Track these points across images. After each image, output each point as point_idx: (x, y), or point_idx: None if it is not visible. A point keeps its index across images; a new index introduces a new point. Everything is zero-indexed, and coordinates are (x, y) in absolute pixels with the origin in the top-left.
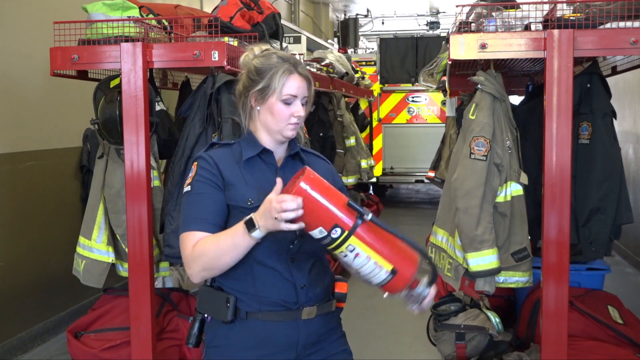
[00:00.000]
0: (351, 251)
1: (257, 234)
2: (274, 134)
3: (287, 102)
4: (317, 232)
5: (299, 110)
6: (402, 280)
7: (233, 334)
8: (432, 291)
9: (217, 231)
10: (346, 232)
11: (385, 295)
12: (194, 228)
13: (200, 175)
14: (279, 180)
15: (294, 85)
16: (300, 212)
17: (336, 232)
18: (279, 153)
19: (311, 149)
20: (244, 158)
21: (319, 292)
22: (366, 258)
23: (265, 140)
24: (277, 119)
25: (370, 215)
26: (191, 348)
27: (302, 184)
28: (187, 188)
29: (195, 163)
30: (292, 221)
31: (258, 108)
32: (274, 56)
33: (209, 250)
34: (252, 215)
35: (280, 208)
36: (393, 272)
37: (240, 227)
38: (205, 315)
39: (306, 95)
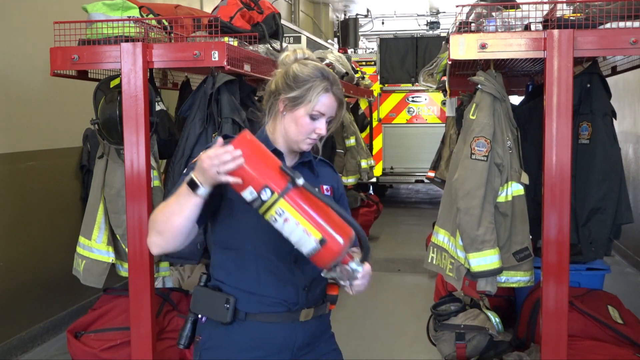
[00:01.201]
0: (280, 215)
1: (202, 191)
2: (291, 143)
3: (313, 118)
4: (248, 193)
5: (322, 128)
6: (330, 252)
7: (230, 335)
8: (365, 269)
9: None
10: (276, 195)
11: (323, 273)
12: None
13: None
14: (219, 139)
15: (325, 104)
16: (241, 160)
17: (266, 194)
18: (289, 159)
19: (320, 157)
20: None
21: (317, 295)
22: (295, 224)
23: (280, 144)
24: (300, 131)
25: (302, 181)
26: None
27: (240, 139)
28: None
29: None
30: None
31: (284, 114)
32: (315, 68)
33: (159, 214)
34: (191, 174)
35: (221, 159)
36: (322, 241)
37: (183, 187)
38: (199, 315)
39: (333, 116)
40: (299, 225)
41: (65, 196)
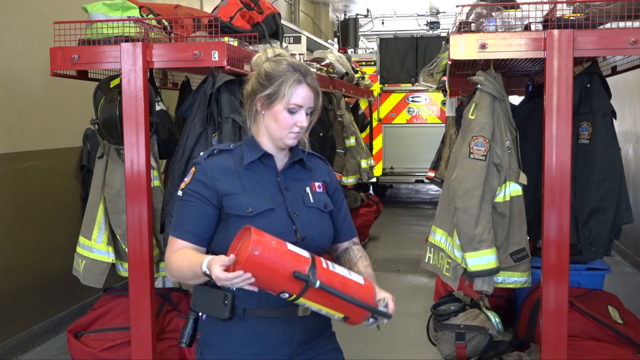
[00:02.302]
0: (303, 304)
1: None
2: (276, 140)
3: (292, 111)
4: (268, 291)
5: (302, 121)
6: (356, 321)
7: (230, 331)
8: (390, 305)
9: (198, 242)
10: (294, 296)
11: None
12: (178, 236)
13: (193, 185)
14: (232, 257)
15: (301, 95)
16: (252, 280)
17: (284, 295)
18: (280, 158)
19: (310, 150)
20: (246, 162)
21: None
22: (318, 310)
23: (267, 144)
24: (280, 126)
25: (318, 284)
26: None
27: (248, 260)
28: (179, 192)
29: (193, 169)
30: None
31: (263, 113)
32: (285, 63)
33: (176, 268)
34: (207, 271)
35: (233, 283)
36: (345, 318)
37: (199, 269)
38: (200, 313)
39: (312, 106)
40: (322, 311)
41: (65, 196)
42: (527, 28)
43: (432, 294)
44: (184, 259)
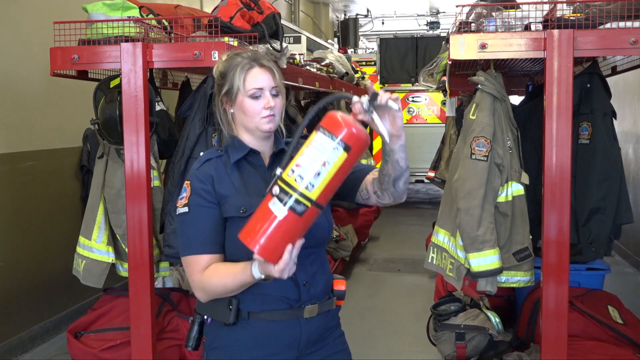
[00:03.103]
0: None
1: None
2: (252, 131)
3: (254, 97)
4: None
5: (268, 102)
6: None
7: (235, 335)
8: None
9: (219, 250)
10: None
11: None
12: (199, 251)
13: (196, 194)
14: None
15: (255, 78)
16: (299, 242)
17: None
18: (266, 152)
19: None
20: (232, 161)
21: (320, 290)
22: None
23: (249, 140)
24: (250, 115)
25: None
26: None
27: (263, 248)
28: (183, 209)
29: (189, 182)
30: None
31: (231, 110)
32: (235, 57)
33: (217, 286)
34: (263, 275)
35: (292, 261)
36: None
37: (250, 278)
38: (205, 317)
39: (274, 86)
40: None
41: (65, 196)
42: (527, 28)
43: (432, 294)
44: (222, 276)
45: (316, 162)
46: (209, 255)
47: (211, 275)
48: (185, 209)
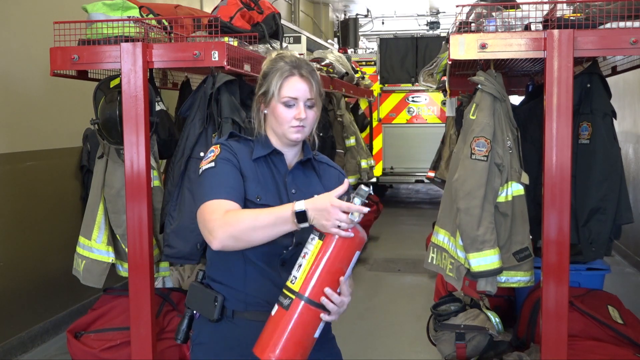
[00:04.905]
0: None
1: (305, 225)
2: (280, 137)
3: (288, 105)
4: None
5: (299, 113)
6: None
7: (219, 332)
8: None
9: (240, 204)
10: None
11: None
12: (222, 196)
13: (223, 155)
14: (346, 181)
15: (292, 87)
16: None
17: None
18: (290, 157)
19: (326, 157)
20: (254, 157)
21: None
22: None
23: (275, 142)
24: (280, 122)
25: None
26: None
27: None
28: (209, 164)
29: (217, 146)
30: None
31: (265, 112)
32: (279, 60)
33: (245, 221)
34: (306, 208)
35: (346, 216)
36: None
37: (287, 212)
38: (194, 311)
39: (310, 97)
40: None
41: (65, 196)
42: (527, 28)
43: (432, 294)
44: (251, 211)
45: (300, 258)
46: (231, 202)
47: (237, 212)
48: (212, 164)
